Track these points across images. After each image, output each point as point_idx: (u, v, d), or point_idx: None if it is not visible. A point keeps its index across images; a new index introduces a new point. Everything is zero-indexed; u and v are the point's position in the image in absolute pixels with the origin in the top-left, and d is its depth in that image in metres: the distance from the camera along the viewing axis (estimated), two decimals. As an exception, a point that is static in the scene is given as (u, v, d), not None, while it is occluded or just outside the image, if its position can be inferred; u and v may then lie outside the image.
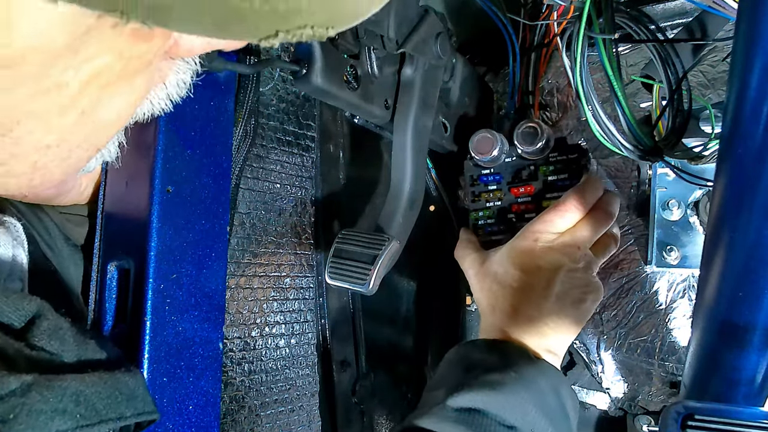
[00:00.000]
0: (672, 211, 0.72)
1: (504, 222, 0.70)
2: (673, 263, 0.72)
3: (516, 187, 0.70)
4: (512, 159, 0.70)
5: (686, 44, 0.62)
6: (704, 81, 0.71)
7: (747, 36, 0.35)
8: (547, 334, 0.59)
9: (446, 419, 0.50)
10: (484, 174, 0.71)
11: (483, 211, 0.71)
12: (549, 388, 0.55)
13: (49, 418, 0.32)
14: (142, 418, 0.39)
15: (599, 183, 0.64)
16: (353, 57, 0.56)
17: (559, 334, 0.60)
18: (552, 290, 0.59)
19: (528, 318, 0.59)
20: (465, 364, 0.57)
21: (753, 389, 0.44)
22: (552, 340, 0.60)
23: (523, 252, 0.62)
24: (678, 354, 0.73)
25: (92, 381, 0.36)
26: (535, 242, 0.62)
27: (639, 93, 0.74)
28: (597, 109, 0.62)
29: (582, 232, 0.62)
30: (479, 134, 0.68)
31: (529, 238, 0.62)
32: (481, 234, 0.71)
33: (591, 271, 0.62)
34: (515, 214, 0.70)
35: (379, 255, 0.55)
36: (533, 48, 0.75)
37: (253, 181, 0.64)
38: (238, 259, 0.62)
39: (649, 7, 0.71)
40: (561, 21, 0.69)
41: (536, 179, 0.68)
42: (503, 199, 0.70)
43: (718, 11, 0.54)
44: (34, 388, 0.32)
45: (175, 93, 0.35)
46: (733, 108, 0.37)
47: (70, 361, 0.37)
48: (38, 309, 0.36)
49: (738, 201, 0.38)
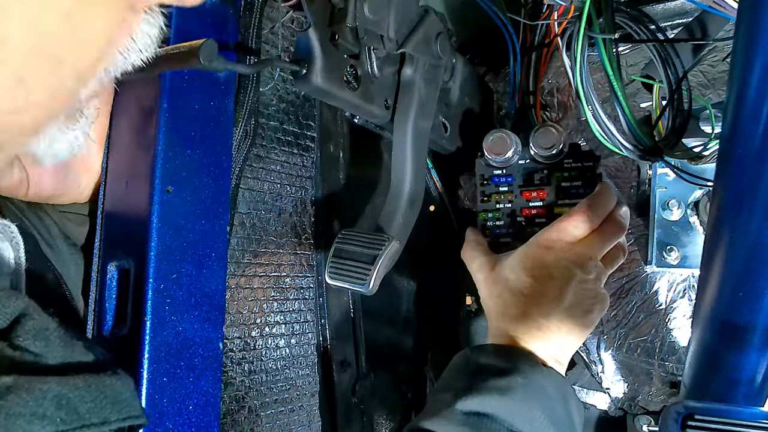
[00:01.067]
0: (672, 211, 0.72)
1: (513, 225, 0.70)
2: (673, 263, 0.72)
3: (528, 191, 0.69)
4: (525, 161, 0.69)
5: (686, 44, 0.62)
6: (704, 81, 0.71)
7: (747, 36, 0.35)
8: (554, 342, 0.59)
9: (454, 422, 0.50)
10: (496, 174, 0.70)
11: (493, 212, 0.71)
12: (557, 396, 0.55)
13: (27, 421, 0.31)
14: (128, 422, 0.38)
15: (613, 194, 0.64)
16: (353, 57, 0.56)
17: (565, 343, 0.60)
18: (563, 300, 0.59)
19: (537, 325, 0.59)
20: (473, 368, 0.57)
21: (753, 389, 0.44)
22: (558, 348, 0.60)
23: (535, 259, 0.62)
24: (678, 354, 0.73)
25: (76, 384, 0.35)
26: (548, 250, 0.61)
27: (639, 93, 0.74)
28: (597, 109, 0.62)
29: (595, 243, 0.62)
30: (495, 134, 0.67)
31: (543, 246, 0.62)
32: (489, 235, 0.71)
33: (600, 282, 0.62)
34: (525, 218, 0.69)
35: (379, 255, 0.55)
36: (534, 48, 0.75)
37: (253, 181, 0.64)
38: (238, 259, 0.62)
39: (649, 7, 0.72)
40: (561, 21, 0.69)
41: (549, 184, 0.68)
42: (514, 202, 0.70)
43: (719, 11, 0.54)
44: (14, 390, 0.31)
45: (144, 47, 0.34)
46: (733, 108, 0.37)
47: (55, 363, 0.36)
48: (24, 308, 0.35)
49: (738, 201, 0.38)
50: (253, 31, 0.58)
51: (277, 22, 0.64)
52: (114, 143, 0.54)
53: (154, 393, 0.47)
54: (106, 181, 0.53)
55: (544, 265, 0.61)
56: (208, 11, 0.54)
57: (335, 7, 0.52)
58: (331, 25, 0.52)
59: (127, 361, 0.47)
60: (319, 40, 0.51)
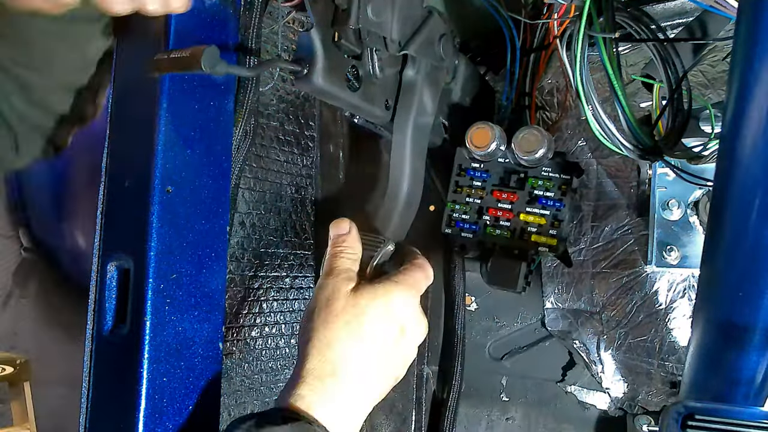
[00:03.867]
0: (672, 211, 0.72)
1: (477, 222, 0.68)
2: (673, 263, 0.72)
3: (500, 191, 0.68)
4: (506, 161, 0.68)
5: (686, 44, 0.62)
6: (704, 81, 0.71)
7: (747, 36, 0.35)
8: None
9: None
10: (473, 167, 0.69)
11: (461, 205, 0.69)
12: None
13: None
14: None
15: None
16: (355, 57, 0.56)
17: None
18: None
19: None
20: None
21: (753, 389, 0.44)
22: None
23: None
24: (678, 354, 0.73)
25: None
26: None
27: (639, 93, 0.74)
28: (597, 109, 0.62)
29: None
30: (478, 126, 0.67)
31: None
32: (452, 227, 0.70)
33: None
34: (490, 218, 0.68)
35: (374, 257, 0.55)
36: (533, 49, 0.75)
37: (253, 181, 0.64)
38: (238, 259, 0.62)
39: (650, 6, 0.71)
40: (563, 21, 0.69)
41: (522, 189, 0.66)
42: (483, 199, 0.68)
43: (719, 11, 0.54)
44: None
45: None
46: (733, 108, 0.37)
47: None
48: None
49: (738, 201, 0.38)
50: (253, 31, 0.58)
51: (278, 22, 0.64)
52: (114, 143, 0.54)
53: (154, 393, 0.47)
54: (107, 181, 0.53)
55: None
56: (208, 11, 0.54)
57: (338, 8, 0.52)
58: (334, 26, 0.52)
59: (127, 361, 0.47)
60: (321, 40, 0.51)
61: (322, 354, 0.48)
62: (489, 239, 0.66)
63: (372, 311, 0.49)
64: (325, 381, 0.47)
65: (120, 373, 0.48)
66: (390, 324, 0.50)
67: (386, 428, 0.84)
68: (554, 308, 0.79)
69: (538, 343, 0.82)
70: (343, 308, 0.49)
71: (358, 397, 0.49)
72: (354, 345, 0.48)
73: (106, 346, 0.50)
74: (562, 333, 0.79)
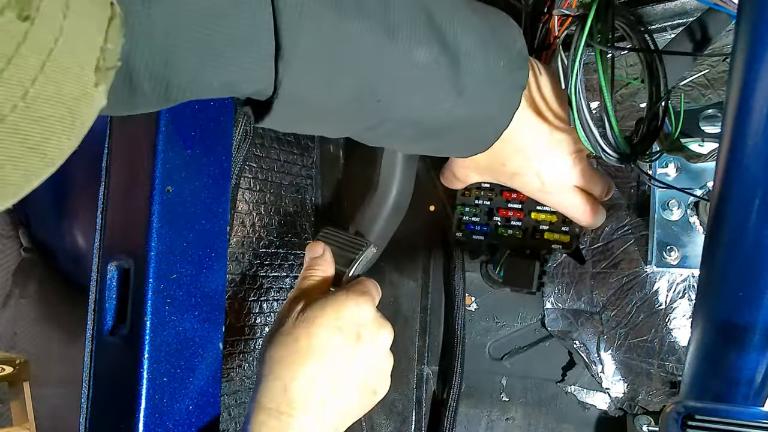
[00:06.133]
0: (672, 211, 0.72)
1: (488, 224, 0.69)
2: (673, 263, 0.72)
3: (509, 191, 0.68)
4: None
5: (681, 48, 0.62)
6: (704, 81, 0.71)
7: (747, 36, 0.35)
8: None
9: None
10: None
11: (470, 207, 0.70)
12: None
13: None
14: None
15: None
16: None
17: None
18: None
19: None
20: None
21: (753, 389, 0.44)
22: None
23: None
24: (678, 354, 0.73)
25: None
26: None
27: (639, 93, 0.74)
28: (585, 116, 0.61)
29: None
30: None
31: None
32: (463, 231, 0.70)
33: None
34: (501, 219, 0.68)
35: (355, 260, 0.55)
36: (534, 50, 0.75)
37: (253, 181, 0.64)
38: (238, 259, 0.62)
39: (649, 7, 0.71)
40: (563, 20, 0.68)
41: None
42: (493, 200, 0.69)
43: (722, 7, 0.54)
44: None
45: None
46: (733, 108, 0.37)
47: None
48: None
49: (738, 201, 0.38)
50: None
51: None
52: (114, 143, 0.54)
53: (154, 393, 0.47)
54: (107, 181, 0.53)
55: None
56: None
57: None
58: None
59: (127, 361, 0.47)
60: None
61: (273, 385, 0.47)
62: (501, 240, 0.66)
63: (322, 320, 0.49)
64: (281, 419, 0.46)
65: (120, 373, 0.48)
66: (342, 331, 0.49)
67: (386, 428, 0.84)
68: (554, 308, 0.79)
69: (538, 343, 0.82)
70: (293, 324, 0.49)
71: (318, 420, 0.47)
72: (306, 362, 0.47)
73: (106, 346, 0.50)
74: (562, 333, 0.79)
